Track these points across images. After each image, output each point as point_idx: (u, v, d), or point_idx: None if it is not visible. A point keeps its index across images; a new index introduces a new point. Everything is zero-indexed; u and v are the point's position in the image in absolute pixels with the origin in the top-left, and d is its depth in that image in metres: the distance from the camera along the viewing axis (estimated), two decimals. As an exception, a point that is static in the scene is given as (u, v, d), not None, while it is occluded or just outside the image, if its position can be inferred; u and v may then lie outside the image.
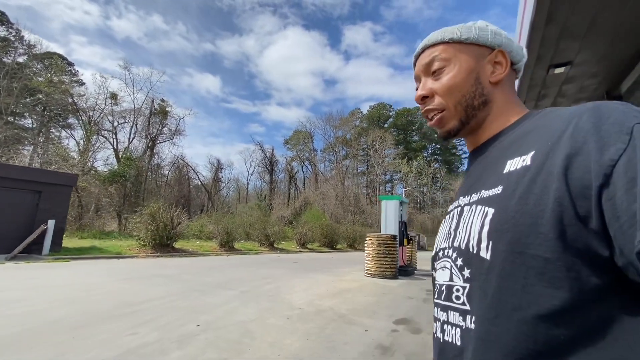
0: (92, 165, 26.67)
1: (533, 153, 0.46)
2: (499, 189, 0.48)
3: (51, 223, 9.84)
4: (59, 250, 10.23)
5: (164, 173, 37.39)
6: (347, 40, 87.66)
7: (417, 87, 0.66)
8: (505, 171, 0.49)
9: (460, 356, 0.48)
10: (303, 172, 54.60)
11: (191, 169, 38.54)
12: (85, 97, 31.57)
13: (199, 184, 40.45)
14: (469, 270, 0.49)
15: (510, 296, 0.42)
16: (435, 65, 0.62)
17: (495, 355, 0.42)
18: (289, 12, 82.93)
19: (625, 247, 0.35)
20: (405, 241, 10.29)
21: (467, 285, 0.49)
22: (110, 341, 3.36)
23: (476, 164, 0.61)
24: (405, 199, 11.20)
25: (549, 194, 0.41)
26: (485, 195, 0.51)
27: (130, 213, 23.93)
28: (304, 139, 56.51)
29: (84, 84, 36.75)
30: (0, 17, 32.04)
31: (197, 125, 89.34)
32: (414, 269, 10.53)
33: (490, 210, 0.47)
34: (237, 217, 19.43)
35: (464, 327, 0.48)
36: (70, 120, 34.81)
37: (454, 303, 0.51)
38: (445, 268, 0.55)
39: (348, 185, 47.84)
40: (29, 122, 33.98)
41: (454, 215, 0.59)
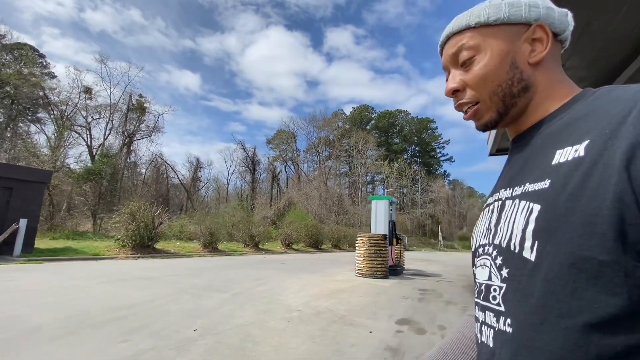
0: (64, 162, 25.29)
1: (588, 142, 0.40)
2: (546, 183, 0.43)
3: (23, 222, 9.16)
4: (31, 251, 9.55)
5: (141, 171, 36.06)
6: (330, 42, 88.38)
7: (447, 78, 0.60)
8: (554, 162, 0.44)
9: (491, 357, 0.46)
10: (286, 172, 54.27)
11: (170, 168, 37.35)
12: (57, 91, 29.94)
13: (178, 183, 39.25)
14: (507, 270, 0.46)
15: (558, 301, 0.38)
16: (463, 55, 0.55)
17: None
18: (271, 12, 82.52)
19: None
20: (395, 241, 10.33)
21: (504, 286, 0.46)
22: (101, 350, 3.10)
23: (519, 153, 0.55)
24: (394, 199, 11.26)
25: (607, 189, 0.36)
26: (530, 190, 0.46)
27: (105, 212, 22.88)
28: (287, 138, 56.15)
29: (55, 76, 34.79)
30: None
31: (175, 123, 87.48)
32: (402, 268, 10.59)
33: (536, 207, 0.43)
34: (220, 217, 18.93)
35: (496, 329, 0.46)
36: (40, 114, 32.92)
37: (490, 303, 0.48)
38: (485, 266, 0.52)
39: (331, 186, 47.91)
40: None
41: (494, 209, 0.55)
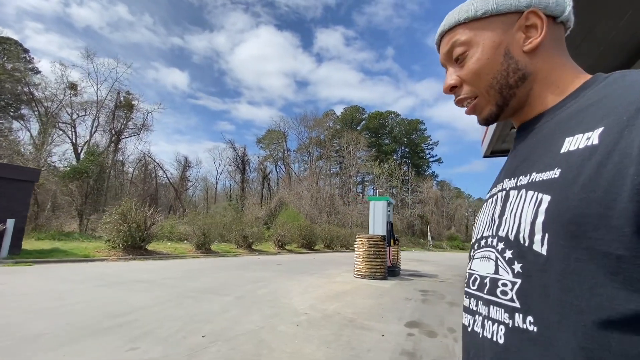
0: (47, 160, 24.42)
1: (602, 129, 0.38)
2: (556, 173, 0.41)
3: (10, 223, 8.75)
4: (18, 253, 9.13)
5: (128, 170, 35.20)
6: (320, 43, 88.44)
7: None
8: (563, 150, 0.42)
9: (503, 355, 0.43)
10: (277, 172, 53.91)
11: (159, 167, 36.61)
12: (42, 87, 28.93)
13: (166, 182, 38.47)
14: (520, 264, 0.43)
15: (576, 298, 0.36)
16: (456, 52, 0.55)
17: None
18: (261, 11, 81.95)
19: None
20: (392, 242, 10.33)
21: (518, 281, 0.43)
22: (108, 359, 2.95)
23: (524, 141, 0.52)
24: (392, 199, 11.26)
25: (625, 180, 0.34)
26: (537, 179, 0.44)
27: (92, 212, 22.21)
28: (278, 138, 55.80)
29: (39, 72, 33.63)
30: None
31: (162, 122, 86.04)
32: (399, 269, 10.61)
33: (546, 198, 0.41)
34: (213, 218, 18.62)
35: (510, 326, 0.43)
36: (23, 110, 31.75)
37: (499, 298, 0.45)
38: (490, 259, 0.50)
39: (322, 186, 47.85)
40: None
41: (497, 200, 0.52)
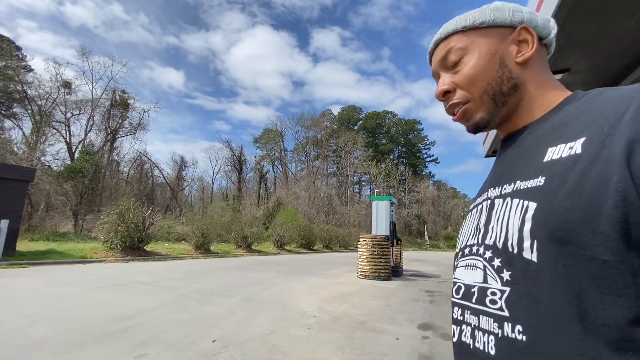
0: (41, 160, 24.00)
1: (584, 139, 0.40)
2: (541, 180, 0.42)
3: (4, 223, 8.48)
4: (12, 255, 8.87)
5: (123, 170, 34.75)
6: (316, 43, 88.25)
7: (437, 84, 0.60)
8: (546, 159, 0.43)
9: None
10: (274, 172, 53.67)
11: (155, 167, 36.22)
12: (35, 85, 28.45)
13: (162, 182, 38.06)
14: (509, 272, 0.43)
15: (566, 304, 0.36)
16: (452, 57, 0.56)
17: None
18: (258, 11, 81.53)
19: None
20: (395, 242, 10.24)
21: (507, 290, 0.43)
22: (117, 366, 2.80)
23: (508, 152, 0.54)
24: (394, 199, 11.17)
25: (609, 187, 0.35)
26: (522, 187, 0.45)
27: (87, 212, 21.85)
28: (275, 138, 55.55)
29: (32, 70, 33.09)
30: None
31: (158, 121, 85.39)
32: (402, 269, 10.52)
33: (532, 205, 0.42)
34: (212, 218, 18.40)
35: (499, 335, 0.42)
36: (15, 109, 31.20)
37: (489, 307, 0.45)
38: (477, 268, 0.49)
39: (320, 186, 47.72)
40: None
41: (482, 209, 0.53)
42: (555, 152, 0.43)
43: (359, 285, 7.84)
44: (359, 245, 9.26)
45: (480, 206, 0.55)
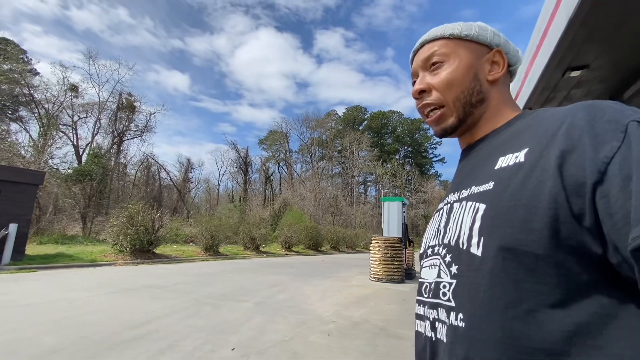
0: (48, 162, 24.14)
1: (527, 150, 0.45)
2: (490, 185, 0.47)
3: (13, 227, 8.44)
4: (21, 259, 8.84)
5: (130, 172, 34.87)
6: (320, 45, 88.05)
7: (414, 83, 0.64)
8: (496, 167, 0.48)
9: (445, 353, 0.46)
10: (279, 173, 53.60)
11: (162, 169, 36.31)
12: (42, 88, 28.66)
13: (169, 184, 38.17)
14: (456, 266, 0.48)
15: (503, 293, 0.40)
16: (434, 59, 0.60)
17: (490, 354, 0.40)
18: (261, 13, 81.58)
19: (619, 245, 0.35)
20: (407, 243, 10.04)
21: (454, 282, 0.47)
22: (134, 378, 2.66)
23: (467, 161, 0.59)
24: (406, 200, 10.96)
25: (544, 190, 0.39)
26: (475, 191, 0.49)
27: (95, 215, 21.90)
28: (280, 139, 55.52)
29: (38, 73, 33.35)
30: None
31: (164, 124, 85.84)
32: (415, 271, 10.31)
33: (482, 206, 0.46)
34: (221, 220, 18.31)
35: (448, 324, 0.46)
36: (22, 112, 31.48)
37: (441, 299, 0.49)
38: (435, 266, 0.54)
39: (326, 187, 47.53)
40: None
41: (443, 213, 0.58)
42: (504, 161, 0.47)
43: (374, 289, 7.65)
44: (371, 247, 9.07)
45: (441, 210, 0.60)
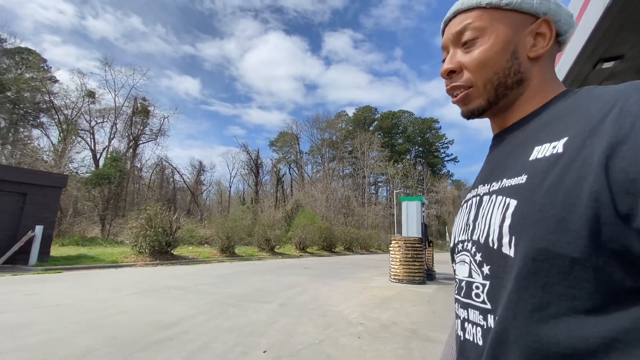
0: (67, 166, 24.78)
1: (566, 139, 0.40)
2: (523, 179, 0.43)
3: (39, 229, 8.64)
4: (46, 260, 9.04)
5: (144, 175, 35.52)
6: (328, 47, 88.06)
7: (444, 59, 0.58)
8: (531, 158, 0.44)
9: (481, 356, 0.44)
10: (290, 175, 53.75)
11: (176, 171, 36.86)
12: (62, 95, 29.50)
13: (182, 186, 38.72)
14: (488, 266, 0.45)
15: (530, 296, 0.38)
16: (467, 35, 0.53)
17: (517, 358, 0.38)
18: (270, 17, 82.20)
19: None
20: (427, 244, 9.86)
21: (487, 283, 0.45)
22: (171, 380, 2.63)
23: (499, 149, 0.54)
24: (424, 199, 10.78)
25: (584, 187, 0.35)
26: (507, 185, 0.45)
27: (113, 217, 22.33)
28: (290, 140, 55.69)
29: (57, 81, 34.31)
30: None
31: (176, 127, 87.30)
32: (435, 272, 10.11)
33: (513, 202, 0.42)
34: (235, 221, 18.41)
35: (485, 327, 0.44)
36: (42, 119, 32.44)
37: (474, 301, 0.47)
38: (465, 262, 0.51)
39: (337, 188, 47.39)
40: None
41: (472, 205, 0.54)
42: (540, 151, 0.43)
43: (396, 290, 7.51)
44: (390, 248, 8.94)
45: (470, 202, 0.55)
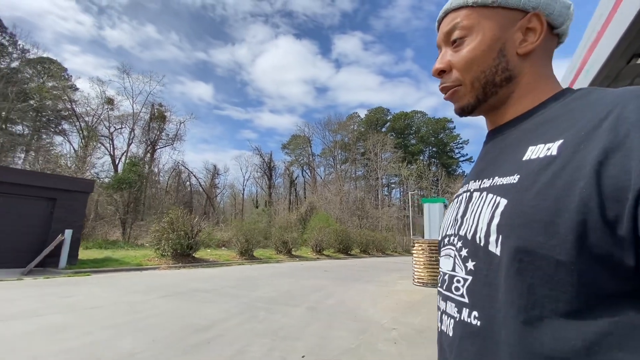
0: (90, 171, 25.52)
1: (562, 142, 0.40)
2: (515, 178, 0.43)
3: (68, 233, 8.91)
4: (75, 263, 9.29)
5: (161, 180, 36.23)
6: (338, 49, 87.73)
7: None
8: (524, 158, 0.43)
9: (452, 347, 0.45)
10: (303, 177, 53.89)
11: (192, 175, 37.47)
12: (82, 102, 30.49)
13: (199, 190, 39.34)
14: (473, 262, 0.45)
15: (518, 297, 0.38)
16: (455, 34, 0.54)
17: (502, 357, 0.39)
18: (280, 22, 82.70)
19: None
20: (450, 246, 9.69)
21: (470, 278, 0.45)
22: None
23: (492, 146, 0.54)
24: (447, 201, 10.61)
25: (574, 191, 0.35)
26: (498, 183, 0.45)
27: (134, 221, 22.84)
28: (303, 143, 55.84)
29: (77, 89, 35.45)
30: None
31: (190, 132, 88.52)
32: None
33: (503, 201, 0.42)
34: (254, 224, 18.55)
35: (457, 319, 0.45)
36: (64, 126, 33.58)
37: (453, 294, 0.48)
38: (449, 256, 0.51)
39: (351, 190, 47.23)
40: (19, 129, 32.53)
41: (462, 200, 0.54)
42: (534, 152, 0.42)
43: (422, 294, 7.40)
44: (413, 251, 8.82)
45: (460, 197, 0.55)
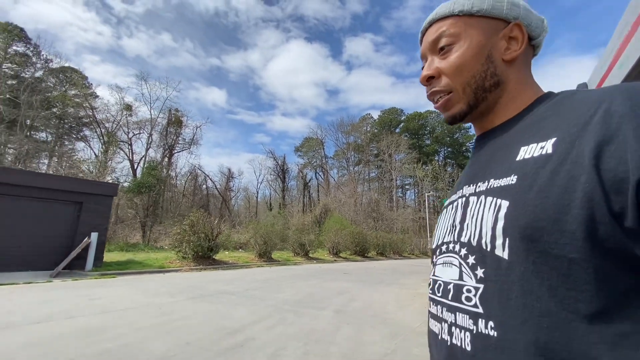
0: (111, 176, 26.23)
1: (555, 140, 0.40)
2: (513, 179, 0.42)
3: (94, 236, 9.11)
4: (100, 265, 9.48)
5: (177, 183, 36.88)
6: (349, 51, 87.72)
7: (423, 67, 0.59)
8: (518, 158, 0.43)
9: None
10: (316, 179, 53.89)
11: (209, 178, 37.99)
12: (102, 109, 31.44)
13: (216, 193, 39.85)
14: (482, 269, 0.43)
15: (536, 301, 0.37)
16: (443, 42, 0.55)
17: None
18: (291, 26, 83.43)
19: None
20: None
21: (481, 287, 0.43)
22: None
23: (483, 150, 0.54)
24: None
25: (577, 187, 0.35)
26: (495, 185, 0.45)
27: (153, 224, 23.28)
28: (315, 146, 55.88)
29: (97, 96, 36.60)
30: (19, 34, 31.86)
31: (204, 137, 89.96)
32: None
33: (504, 203, 0.42)
34: (272, 226, 18.60)
35: (474, 332, 0.42)
36: (85, 132, 34.69)
37: (464, 304, 0.45)
38: (453, 265, 0.50)
39: (364, 191, 46.91)
40: (43, 136, 33.81)
41: (458, 206, 0.53)
42: (528, 152, 0.42)
43: (448, 296, 7.20)
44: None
45: (455, 203, 0.54)
